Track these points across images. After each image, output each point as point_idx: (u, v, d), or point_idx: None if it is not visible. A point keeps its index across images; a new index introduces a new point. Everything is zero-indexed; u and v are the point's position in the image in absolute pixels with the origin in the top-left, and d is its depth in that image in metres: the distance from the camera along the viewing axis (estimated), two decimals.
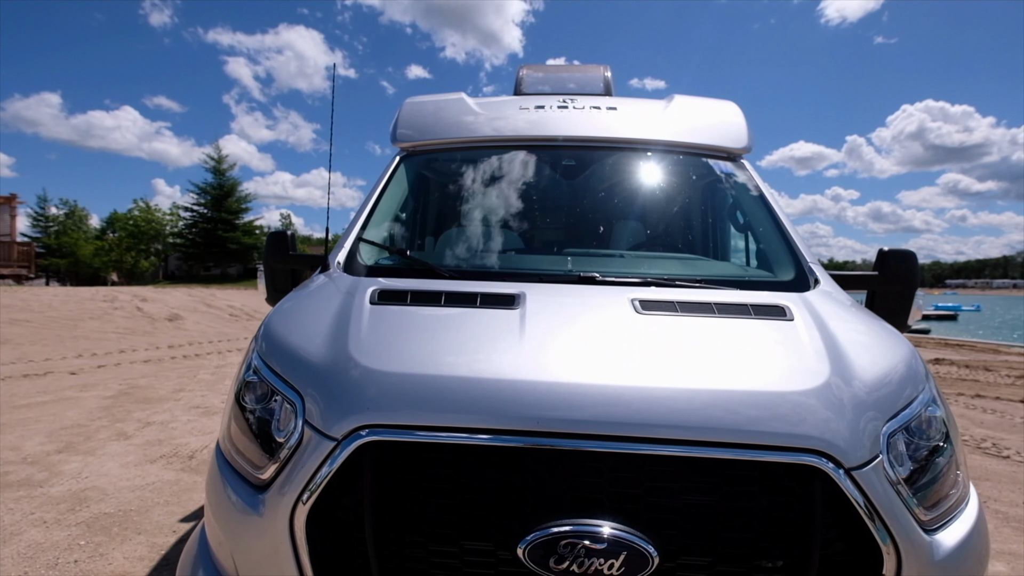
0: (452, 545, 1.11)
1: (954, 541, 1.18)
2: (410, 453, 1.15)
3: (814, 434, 1.10)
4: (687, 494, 1.09)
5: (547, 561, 1.04)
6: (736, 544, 1.09)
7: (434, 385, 1.19)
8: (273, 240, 2.51)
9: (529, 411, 1.12)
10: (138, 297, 19.22)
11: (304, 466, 1.16)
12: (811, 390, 1.21)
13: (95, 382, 7.47)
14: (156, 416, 5.73)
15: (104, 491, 3.66)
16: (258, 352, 1.47)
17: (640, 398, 1.15)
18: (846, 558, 1.10)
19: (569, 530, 1.05)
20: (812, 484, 1.08)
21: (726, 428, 1.10)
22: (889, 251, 2.28)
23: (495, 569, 1.11)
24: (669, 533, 1.08)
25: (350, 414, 1.16)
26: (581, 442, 1.09)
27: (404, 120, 2.98)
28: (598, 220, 2.62)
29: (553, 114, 2.97)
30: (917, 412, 1.27)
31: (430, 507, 1.12)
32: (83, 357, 9.72)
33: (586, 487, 1.09)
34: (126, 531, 3.11)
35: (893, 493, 1.12)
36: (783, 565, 1.09)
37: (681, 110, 3.00)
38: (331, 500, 1.14)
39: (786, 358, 1.34)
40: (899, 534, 1.08)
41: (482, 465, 1.13)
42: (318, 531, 1.14)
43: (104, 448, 4.59)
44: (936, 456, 1.24)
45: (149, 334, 13.56)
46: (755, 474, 1.10)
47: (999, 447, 5.41)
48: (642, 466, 1.09)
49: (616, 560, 1.03)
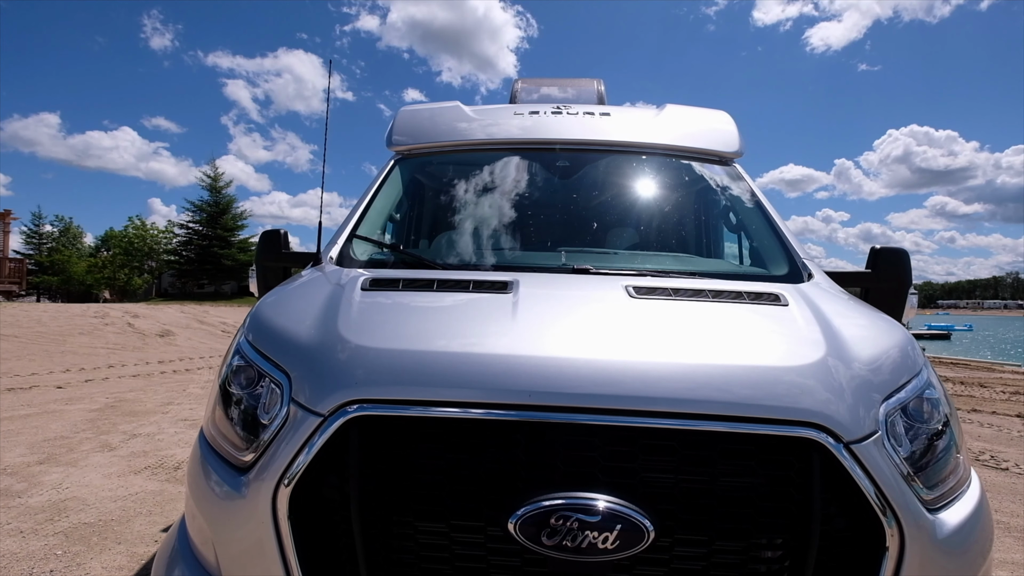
0: (440, 522, 1.06)
1: (958, 520, 1.14)
2: (399, 428, 1.10)
3: (811, 408, 1.07)
4: (683, 468, 1.05)
5: (539, 536, 0.99)
6: (734, 519, 1.05)
7: (424, 360, 1.16)
8: (266, 239, 2.48)
9: (521, 384, 1.08)
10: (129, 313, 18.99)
11: (289, 443, 1.11)
12: (807, 366, 1.19)
13: (81, 396, 7.32)
14: (143, 428, 5.61)
15: (84, 501, 3.55)
16: (245, 336, 1.44)
17: (635, 372, 1.12)
18: (847, 535, 1.06)
19: (561, 503, 1.00)
20: (810, 458, 1.05)
21: (722, 402, 1.06)
22: (881, 249, 2.29)
23: (485, 547, 1.06)
24: (665, 508, 1.03)
25: (338, 389, 1.12)
26: (574, 415, 1.06)
27: (399, 126, 2.99)
28: (592, 221, 2.62)
29: (547, 119, 3.00)
30: (914, 393, 1.24)
31: (418, 484, 1.08)
32: (70, 372, 9.56)
33: (579, 461, 1.05)
34: (105, 540, 3.00)
35: (893, 469, 1.08)
36: (782, 542, 1.05)
37: (674, 117, 3.03)
38: (316, 478, 1.09)
39: (781, 338, 1.32)
40: (901, 510, 1.05)
41: (472, 440, 1.09)
42: (302, 511, 1.09)
43: (87, 459, 4.47)
44: (936, 440, 1.21)
45: (139, 350, 13.39)
46: (752, 448, 1.06)
47: (997, 459, 5.36)
48: (637, 440, 1.05)
49: (610, 534, 0.98)
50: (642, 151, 2.82)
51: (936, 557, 1.08)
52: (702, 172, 2.77)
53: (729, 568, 1.06)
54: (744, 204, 2.61)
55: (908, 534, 1.04)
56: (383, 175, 2.81)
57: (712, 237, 2.93)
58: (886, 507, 1.04)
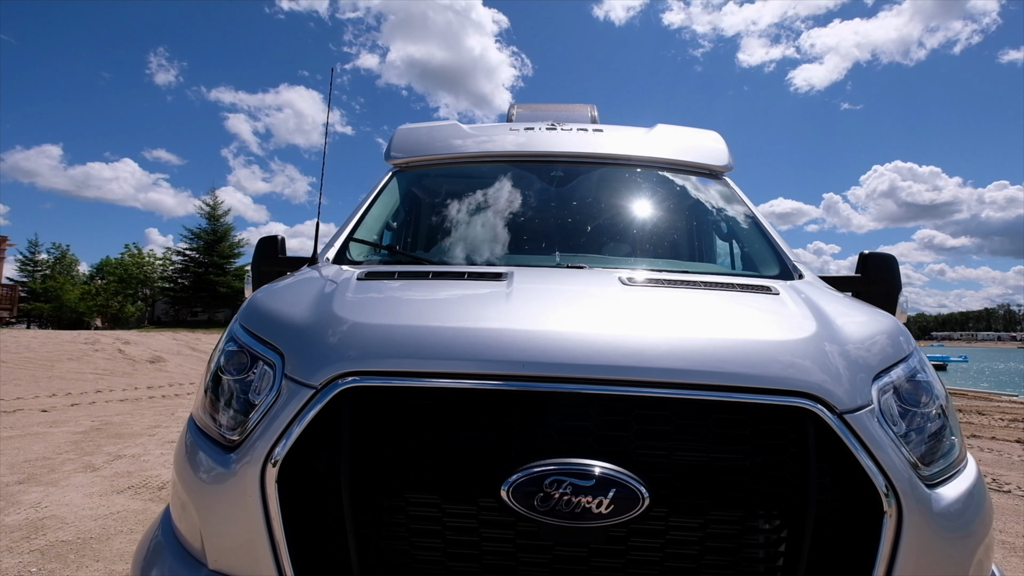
0: (432, 493, 1.03)
1: (956, 495, 1.12)
2: (391, 400, 1.09)
3: (804, 379, 1.07)
4: (677, 437, 1.04)
5: (532, 501, 0.97)
6: (730, 488, 1.03)
7: (419, 334, 1.15)
8: (263, 245, 2.49)
9: (514, 355, 1.07)
10: (120, 340, 18.75)
11: (281, 415, 1.09)
12: (799, 341, 1.19)
13: (66, 419, 7.16)
14: (128, 450, 5.46)
15: (63, 520, 3.42)
16: (239, 321, 1.43)
17: (628, 344, 1.11)
18: (845, 506, 1.04)
19: (555, 468, 0.98)
20: (805, 428, 1.03)
21: (715, 371, 1.06)
22: (870, 254, 2.32)
23: (477, 518, 1.03)
24: (660, 476, 1.01)
25: (331, 362, 1.11)
26: (567, 385, 1.05)
27: (397, 142, 3.07)
28: (585, 230, 2.65)
29: (542, 134, 3.08)
30: (906, 374, 1.24)
31: (410, 454, 1.05)
32: (56, 396, 9.37)
33: (573, 431, 1.03)
34: (83, 558, 2.88)
35: (888, 441, 1.07)
36: (779, 512, 1.03)
37: (665, 134, 3.13)
38: (307, 452, 1.06)
39: (772, 318, 1.33)
40: (898, 480, 1.03)
41: (465, 410, 1.07)
42: (291, 486, 1.06)
43: (68, 479, 4.34)
44: (929, 422, 1.19)
45: (129, 375, 13.18)
46: (746, 418, 1.05)
47: (999, 482, 5.29)
48: (631, 409, 1.04)
49: (605, 499, 0.96)
50: (634, 164, 2.89)
51: (935, 530, 1.05)
52: (693, 184, 2.82)
53: (725, 538, 1.04)
54: (735, 214, 2.66)
55: (905, 505, 1.02)
56: (381, 185, 2.85)
57: (704, 245, 2.97)
58: (882, 477, 1.02)
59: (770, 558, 1.04)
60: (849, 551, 1.03)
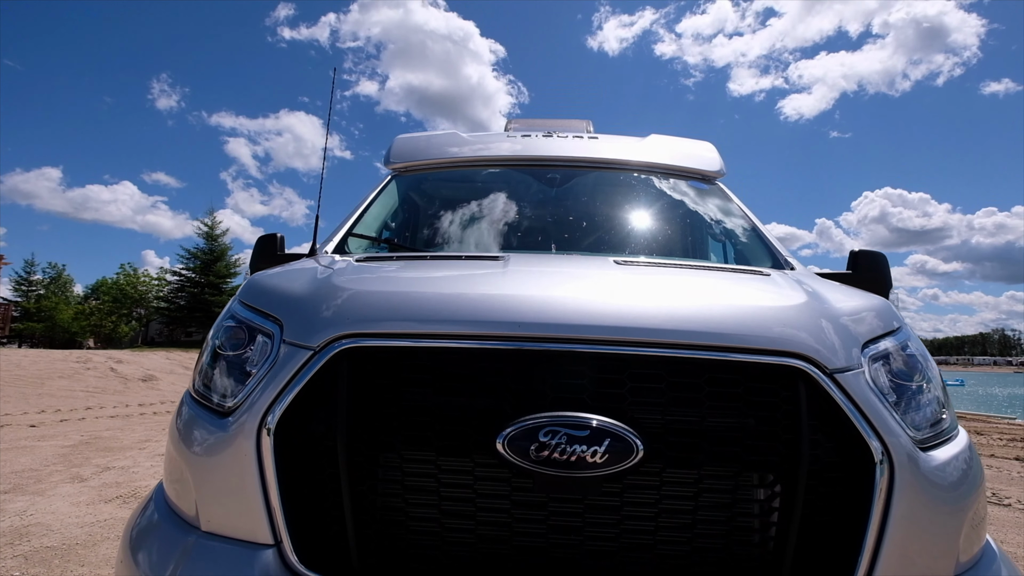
0: (428, 449, 1.03)
1: (947, 456, 1.12)
2: (388, 362, 1.09)
3: (795, 340, 1.09)
4: (671, 395, 1.05)
5: (527, 452, 0.97)
6: (724, 443, 1.03)
7: (416, 299, 1.17)
8: (262, 243, 2.50)
9: (511, 316, 1.09)
10: (113, 359, 18.55)
11: (278, 376, 1.09)
12: (790, 307, 1.21)
13: (55, 434, 7.04)
14: (117, 462, 5.37)
15: (49, 527, 3.35)
16: (238, 299, 1.44)
17: (623, 307, 1.13)
18: (837, 462, 1.05)
19: (550, 419, 0.98)
20: (796, 387, 1.05)
21: (708, 332, 1.07)
22: (860, 251, 2.36)
23: (472, 473, 1.02)
24: (654, 432, 1.02)
25: (330, 325, 1.12)
26: (563, 345, 1.06)
27: (396, 149, 3.14)
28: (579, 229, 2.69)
29: (538, 140, 3.17)
30: (895, 344, 1.25)
31: (405, 412, 1.05)
32: (46, 412, 9.22)
33: (568, 388, 1.04)
34: (68, 563, 2.81)
35: (878, 402, 1.08)
36: (772, 468, 1.03)
37: (658, 142, 3.22)
38: (303, 413, 1.06)
39: (764, 291, 1.36)
40: (888, 438, 1.03)
41: (462, 370, 1.08)
42: (287, 447, 1.05)
43: (55, 490, 4.25)
44: (918, 393, 1.20)
45: (120, 393, 13.01)
46: (739, 378, 1.07)
47: (999, 496, 5.26)
48: (625, 368, 1.05)
49: (599, 447, 0.96)
50: (629, 168, 2.96)
51: (926, 487, 1.06)
52: (687, 187, 2.89)
53: (719, 493, 1.04)
54: (728, 215, 2.71)
55: (897, 462, 1.02)
56: (379, 187, 2.90)
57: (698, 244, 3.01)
58: (873, 433, 1.03)
59: (764, 512, 1.04)
60: (844, 508, 1.03)
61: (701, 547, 1.04)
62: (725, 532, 1.04)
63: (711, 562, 1.04)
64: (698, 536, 1.04)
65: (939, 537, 1.05)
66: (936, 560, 1.04)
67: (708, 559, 1.04)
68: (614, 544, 1.03)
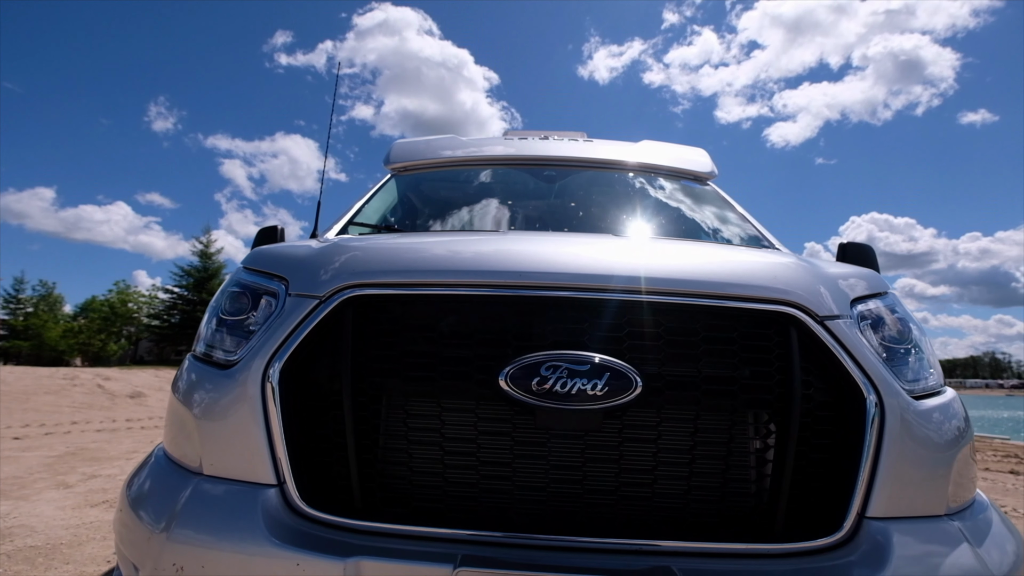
0: (430, 390, 1.05)
1: (935, 403, 1.15)
2: (393, 310, 1.12)
3: (786, 289, 1.13)
4: (668, 338, 1.08)
5: (529, 386, 0.99)
6: (719, 382, 1.07)
7: (420, 250, 1.20)
8: (263, 235, 2.53)
9: (513, 266, 1.12)
10: (100, 376, 18.24)
11: (284, 323, 1.11)
12: (781, 263, 1.26)
13: (40, 445, 6.89)
14: (103, 471, 5.26)
15: (33, 528, 3.26)
16: (242, 266, 1.46)
17: (623, 260, 1.17)
18: (829, 405, 1.08)
19: (550, 356, 1.01)
20: (788, 332, 1.09)
21: (703, 280, 1.11)
22: (849, 244, 2.43)
23: (474, 412, 1.04)
24: (651, 371, 1.05)
25: (337, 276, 1.15)
26: (563, 292, 1.09)
27: (396, 151, 3.22)
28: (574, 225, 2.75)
29: (535, 142, 3.27)
30: (883, 306, 1.29)
31: (409, 359, 1.07)
32: (30, 427, 9.03)
33: (568, 332, 1.07)
34: (52, 561, 2.73)
35: (867, 348, 1.11)
36: (766, 406, 1.07)
37: (651, 146, 3.33)
38: (309, 360, 1.08)
39: (759, 253, 1.41)
40: (879, 381, 1.06)
41: (464, 316, 1.11)
42: (292, 394, 1.06)
43: (40, 495, 4.15)
44: (907, 353, 1.23)
45: (107, 409, 12.77)
46: (733, 324, 1.10)
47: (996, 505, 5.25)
48: (624, 313, 1.08)
49: (599, 381, 0.99)
50: (624, 168, 3.04)
51: (916, 427, 1.08)
52: (680, 186, 2.97)
53: (716, 431, 1.07)
54: (721, 211, 2.79)
55: (887, 404, 1.05)
56: (379, 186, 2.96)
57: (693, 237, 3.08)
58: (864, 377, 1.06)
59: (760, 450, 1.06)
60: (838, 448, 1.06)
61: (699, 484, 1.06)
62: (722, 469, 1.07)
63: (710, 500, 1.05)
64: (696, 473, 1.06)
65: (929, 478, 1.08)
66: (927, 498, 1.06)
67: (706, 496, 1.06)
68: (614, 481, 1.05)
